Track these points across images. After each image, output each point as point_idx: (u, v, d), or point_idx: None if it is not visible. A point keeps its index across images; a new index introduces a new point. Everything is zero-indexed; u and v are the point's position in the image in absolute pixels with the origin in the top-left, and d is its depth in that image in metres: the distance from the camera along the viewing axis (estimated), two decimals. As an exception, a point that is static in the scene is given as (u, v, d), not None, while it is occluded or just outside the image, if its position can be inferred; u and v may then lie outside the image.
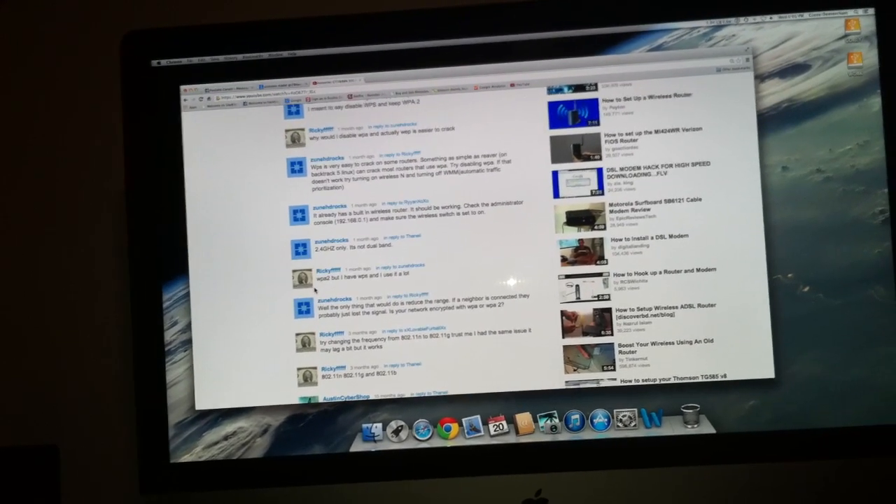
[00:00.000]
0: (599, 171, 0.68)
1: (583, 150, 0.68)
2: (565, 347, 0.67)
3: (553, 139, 0.68)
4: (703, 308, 0.67)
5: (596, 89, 0.68)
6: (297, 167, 0.69)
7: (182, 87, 0.69)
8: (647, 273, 0.67)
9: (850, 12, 0.68)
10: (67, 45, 0.84)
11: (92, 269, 0.82)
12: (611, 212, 0.68)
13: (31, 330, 0.82)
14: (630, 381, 0.67)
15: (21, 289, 0.83)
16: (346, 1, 0.79)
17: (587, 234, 0.68)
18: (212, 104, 0.69)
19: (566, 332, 0.67)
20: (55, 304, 0.82)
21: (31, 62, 0.84)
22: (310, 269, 0.68)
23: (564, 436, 0.67)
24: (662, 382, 0.67)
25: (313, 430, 0.68)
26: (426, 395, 0.68)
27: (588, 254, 0.68)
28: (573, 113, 0.69)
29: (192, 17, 0.83)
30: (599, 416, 0.67)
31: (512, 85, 0.69)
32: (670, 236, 0.67)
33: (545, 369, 0.67)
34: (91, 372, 0.81)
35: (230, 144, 0.69)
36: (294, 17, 0.71)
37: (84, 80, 0.84)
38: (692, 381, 0.67)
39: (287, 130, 0.69)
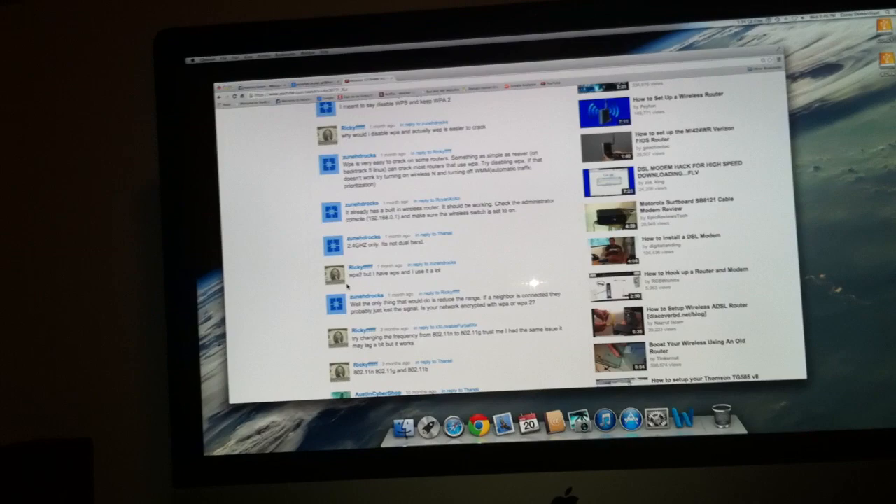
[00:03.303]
0: (630, 169, 0.68)
1: (614, 149, 0.68)
2: (596, 346, 0.67)
3: (584, 138, 0.68)
4: (735, 308, 0.67)
5: (627, 88, 0.69)
6: (329, 164, 0.69)
7: (216, 85, 0.70)
8: (678, 272, 0.67)
9: (882, 12, 0.68)
10: (89, 42, 0.85)
11: (125, 263, 0.83)
12: (642, 211, 0.68)
13: (64, 324, 0.83)
14: (661, 380, 0.67)
15: (55, 284, 0.83)
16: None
17: (618, 233, 0.68)
18: (245, 102, 0.70)
19: (597, 330, 0.67)
20: (89, 299, 0.83)
21: (52, 61, 0.85)
22: (342, 266, 0.69)
23: (595, 434, 0.67)
24: (694, 382, 0.67)
25: (345, 425, 0.68)
26: (457, 392, 0.68)
27: (619, 252, 0.68)
28: (604, 112, 0.69)
29: (220, 15, 0.83)
30: (630, 415, 0.67)
31: (543, 84, 0.69)
32: (702, 235, 0.67)
33: (576, 368, 0.67)
34: (125, 365, 0.82)
35: (263, 142, 0.70)
36: (326, 16, 0.71)
37: (111, 77, 0.84)
38: (723, 381, 0.66)
39: (319, 128, 0.70)
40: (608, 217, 0.68)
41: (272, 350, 0.69)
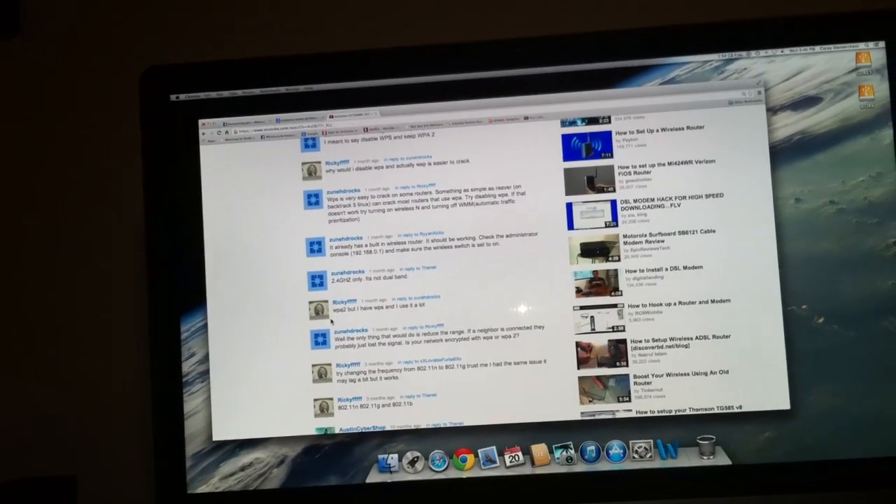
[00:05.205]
0: (613, 202, 0.69)
1: (596, 182, 0.69)
2: (580, 378, 0.67)
3: (567, 171, 0.69)
4: (718, 339, 0.67)
5: (609, 122, 0.69)
6: (313, 200, 0.70)
7: (201, 121, 0.70)
8: (661, 304, 0.67)
9: (861, 45, 0.68)
10: (78, 79, 0.85)
11: (110, 300, 0.83)
12: (625, 243, 0.68)
13: (48, 361, 0.83)
14: (645, 412, 0.67)
15: (38, 320, 0.83)
16: (361, 36, 0.81)
17: (602, 266, 0.68)
18: (230, 138, 0.70)
19: (581, 363, 0.68)
20: (73, 335, 0.83)
21: (44, 96, 0.85)
22: (326, 301, 0.69)
23: (580, 467, 0.67)
24: (678, 413, 0.67)
25: (329, 460, 0.68)
26: (442, 426, 0.68)
27: (602, 285, 0.68)
28: (587, 145, 0.69)
29: (204, 52, 0.84)
30: (615, 447, 0.67)
31: (526, 118, 0.70)
32: (684, 268, 0.68)
33: (561, 400, 0.67)
34: (109, 402, 0.81)
35: (248, 177, 0.70)
36: (310, 53, 0.72)
37: (100, 114, 0.84)
38: (708, 412, 0.67)
39: (304, 163, 0.70)
40: (592, 250, 0.68)
41: (256, 386, 0.69)
